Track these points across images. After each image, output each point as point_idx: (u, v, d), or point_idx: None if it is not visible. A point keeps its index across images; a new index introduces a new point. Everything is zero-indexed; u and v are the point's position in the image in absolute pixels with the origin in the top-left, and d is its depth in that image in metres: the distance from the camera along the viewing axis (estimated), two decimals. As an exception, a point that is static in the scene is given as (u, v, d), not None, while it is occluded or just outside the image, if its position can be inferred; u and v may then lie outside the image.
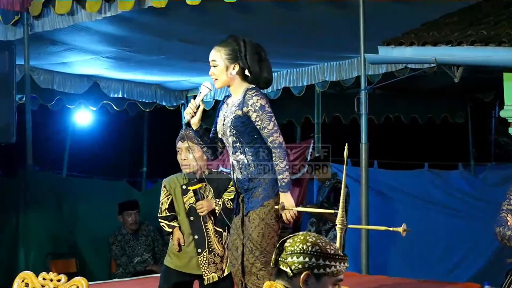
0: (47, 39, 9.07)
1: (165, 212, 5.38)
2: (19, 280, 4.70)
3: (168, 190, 5.41)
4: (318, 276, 2.77)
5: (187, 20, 8.27)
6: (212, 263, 5.35)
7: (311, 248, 2.78)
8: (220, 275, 5.35)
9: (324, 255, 2.78)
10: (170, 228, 5.35)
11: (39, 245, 9.27)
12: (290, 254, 2.79)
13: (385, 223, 3.95)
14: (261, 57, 4.82)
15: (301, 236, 2.83)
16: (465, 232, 9.61)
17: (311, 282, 2.77)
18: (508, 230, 4.69)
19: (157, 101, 12.29)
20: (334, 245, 2.86)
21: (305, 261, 2.76)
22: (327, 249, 2.80)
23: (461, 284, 7.55)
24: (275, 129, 4.68)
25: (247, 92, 4.75)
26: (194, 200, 5.38)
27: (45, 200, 9.44)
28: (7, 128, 7.78)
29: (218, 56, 4.87)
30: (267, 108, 4.69)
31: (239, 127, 4.76)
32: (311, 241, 2.80)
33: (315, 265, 2.76)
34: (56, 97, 11.26)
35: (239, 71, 4.80)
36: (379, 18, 7.94)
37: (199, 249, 5.34)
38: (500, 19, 7.56)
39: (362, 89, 7.88)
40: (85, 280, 4.57)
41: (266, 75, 4.82)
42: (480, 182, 10.39)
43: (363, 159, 7.78)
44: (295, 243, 2.80)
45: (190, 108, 4.97)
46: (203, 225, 5.37)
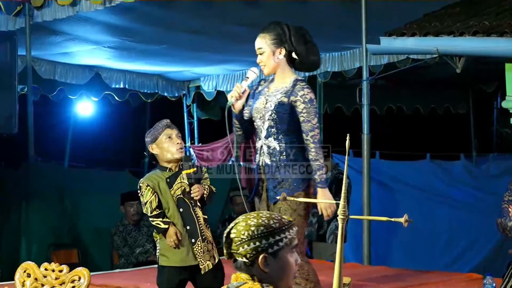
0: (49, 29, 9.07)
1: (156, 211, 5.31)
2: (21, 270, 4.71)
3: (153, 188, 5.33)
4: (275, 254, 2.77)
5: (190, 10, 8.27)
6: (206, 251, 5.31)
7: (257, 232, 2.76)
8: (213, 262, 5.33)
9: (271, 232, 2.77)
10: (166, 224, 5.27)
11: (41, 236, 9.29)
12: (240, 244, 2.77)
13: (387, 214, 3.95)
14: (306, 40, 4.83)
15: (242, 223, 2.80)
16: (467, 223, 9.61)
17: (270, 262, 2.76)
18: (510, 221, 4.70)
19: (159, 91, 12.28)
20: (276, 216, 2.83)
21: (257, 245, 2.75)
22: (272, 225, 2.78)
23: (463, 275, 7.55)
24: (317, 125, 4.74)
25: (297, 82, 4.80)
26: (180, 192, 5.31)
27: (47, 191, 9.45)
28: (9, 119, 7.79)
29: (263, 43, 4.89)
30: (315, 103, 4.76)
31: (280, 113, 4.80)
32: (254, 224, 2.77)
33: (267, 245, 2.76)
34: (58, 87, 11.27)
35: (286, 55, 4.81)
36: (381, 9, 7.94)
37: (192, 239, 5.28)
38: (502, 10, 7.55)
39: (364, 80, 7.89)
40: (86, 271, 4.58)
41: (312, 58, 4.83)
42: (482, 173, 10.40)
43: (365, 150, 7.79)
44: (239, 232, 2.78)
45: (236, 91, 5.01)
46: (194, 214, 5.33)
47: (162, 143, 5.36)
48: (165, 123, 5.41)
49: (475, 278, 7.07)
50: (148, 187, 5.33)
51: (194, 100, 12.86)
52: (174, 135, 5.37)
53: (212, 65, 11.34)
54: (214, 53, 10.38)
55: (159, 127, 5.39)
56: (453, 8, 7.93)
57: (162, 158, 5.40)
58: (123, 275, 7.65)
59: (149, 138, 5.42)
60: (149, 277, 7.02)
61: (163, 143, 5.35)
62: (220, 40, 9.58)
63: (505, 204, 4.77)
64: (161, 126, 5.39)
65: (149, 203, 5.32)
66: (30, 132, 9.04)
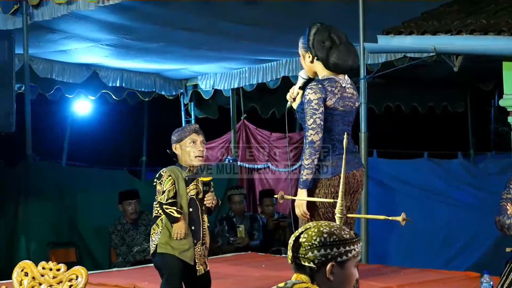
0: (46, 28, 9.07)
1: (172, 199, 5.42)
2: (18, 269, 4.71)
3: (174, 180, 5.44)
4: (342, 263, 2.82)
5: (187, 8, 8.26)
6: (203, 255, 5.48)
7: (329, 239, 2.81)
8: (205, 268, 5.50)
9: (343, 242, 2.82)
10: (179, 214, 5.39)
11: (39, 235, 9.27)
12: (310, 249, 2.81)
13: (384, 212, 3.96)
14: (333, 43, 4.82)
15: (314, 229, 2.85)
16: (465, 221, 9.61)
17: (336, 271, 2.81)
18: (508, 219, 4.70)
19: (156, 90, 12.27)
20: (346, 228, 2.90)
21: (327, 253, 2.80)
22: (344, 235, 2.84)
23: (461, 273, 7.56)
24: (313, 126, 4.70)
25: (311, 83, 4.82)
26: (195, 192, 5.47)
27: (45, 190, 9.44)
28: (6, 118, 7.79)
29: (299, 47, 4.99)
30: (313, 105, 4.71)
31: (299, 113, 4.89)
32: (326, 232, 2.83)
33: (337, 254, 2.81)
34: (55, 86, 11.26)
35: (312, 60, 4.83)
36: (378, 7, 7.94)
37: (194, 240, 5.44)
38: (499, 8, 7.55)
39: (361, 78, 7.89)
40: (84, 270, 4.58)
41: (334, 60, 4.81)
42: (480, 171, 10.39)
43: (363, 148, 7.80)
44: (311, 237, 2.82)
45: (290, 94, 5.05)
46: (200, 217, 5.49)
47: (185, 146, 5.52)
48: (193, 128, 5.60)
49: (473, 277, 7.08)
50: (170, 177, 5.46)
51: (191, 98, 12.85)
52: (199, 141, 5.53)
53: (210, 63, 11.34)
54: (212, 51, 10.38)
55: (187, 130, 5.58)
56: (450, 7, 7.93)
57: (182, 159, 5.55)
58: (121, 274, 7.65)
59: (175, 138, 5.58)
60: (147, 275, 7.03)
61: (186, 146, 5.51)
62: (218, 38, 9.58)
63: (503, 202, 4.78)
64: (189, 130, 5.57)
65: (167, 191, 5.43)
66: (28, 131, 9.03)
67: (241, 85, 11.82)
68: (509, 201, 4.76)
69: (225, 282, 6.83)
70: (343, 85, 4.83)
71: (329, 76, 4.82)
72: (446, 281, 6.97)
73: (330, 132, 4.77)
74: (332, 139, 4.77)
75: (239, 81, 11.76)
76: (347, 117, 4.86)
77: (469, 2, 8.00)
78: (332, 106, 4.76)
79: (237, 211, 9.89)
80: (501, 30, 6.82)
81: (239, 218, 9.84)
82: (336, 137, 4.74)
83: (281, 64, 11.02)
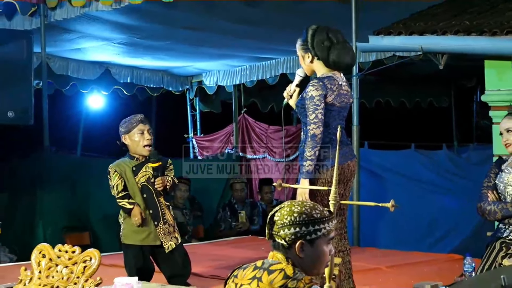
0: (62, 28, 9.07)
1: (122, 193, 5.44)
2: (36, 251, 4.71)
3: (120, 174, 5.45)
4: (312, 241, 2.77)
5: (192, 9, 8.26)
6: (167, 232, 5.46)
7: (299, 218, 2.77)
8: (175, 242, 5.49)
9: (312, 221, 2.77)
10: (131, 205, 5.41)
11: (55, 220, 9.29)
12: (282, 227, 2.77)
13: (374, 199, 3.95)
14: (332, 43, 4.79)
15: (287, 208, 2.80)
16: (449, 207, 9.60)
17: (306, 249, 2.77)
18: (488, 205, 4.70)
19: (164, 86, 12.28)
20: (319, 207, 2.84)
21: (296, 231, 2.76)
22: (314, 215, 2.79)
23: (445, 255, 7.57)
24: (315, 120, 4.67)
25: (312, 80, 4.79)
26: (145, 179, 5.45)
27: (61, 178, 9.45)
28: (25, 112, 7.79)
29: (297, 48, 4.95)
30: (316, 101, 4.68)
31: (299, 108, 4.83)
32: (297, 211, 2.78)
33: (306, 232, 2.76)
34: (71, 82, 11.27)
35: (312, 60, 4.80)
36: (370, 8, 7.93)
37: (155, 222, 5.43)
38: (482, 10, 7.55)
39: (353, 75, 7.89)
40: (97, 252, 4.58)
41: (333, 58, 4.79)
42: (463, 161, 10.37)
43: (355, 140, 7.81)
44: (283, 216, 2.78)
45: (287, 92, 5.00)
46: (156, 200, 5.47)
47: (133, 137, 5.49)
48: (139, 118, 5.53)
49: (456, 258, 7.09)
50: (115, 172, 5.47)
51: (196, 94, 12.87)
52: (146, 131, 5.50)
53: (213, 61, 11.33)
54: (215, 49, 10.37)
55: (134, 121, 5.51)
56: (436, 9, 7.92)
57: (131, 149, 5.53)
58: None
59: (123, 129, 5.54)
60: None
61: (134, 137, 5.48)
62: (220, 37, 9.57)
63: (484, 190, 4.77)
64: (135, 121, 5.51)
65: (115, 186, 5.46)
66: (45, 124, 9.05)
67: (242, 81, 11.82)
68: (490, 189, 4.75)
69: (227, 263, 6.84)
70: (340, 82, 4.83)
71: (328, 74, 4.81)
72: (431, 263, 6.99)
73: (328, 126, 4.76)
74: (329, 132, 4.77)
75: (241, 78, 11.76)
76: (342, 112, 4.86)
77: (454, 4, 8.00)
78: (331, 103, 4.75)
79: (238, 198, 9.89)
80: (483, 31, 6.82)
81: (240, 205, 9.85)
82: (333, 131, 4.74)
83: (280, 62, 11.02)
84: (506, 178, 4.72)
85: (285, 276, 2.70)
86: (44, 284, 4.55)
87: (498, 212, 4.66)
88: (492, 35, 6.77)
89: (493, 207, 4.68)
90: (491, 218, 4.76)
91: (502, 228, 4.73)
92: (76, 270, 4.53)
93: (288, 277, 2.69)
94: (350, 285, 4.84)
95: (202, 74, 12.36)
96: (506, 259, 4.61)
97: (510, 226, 4.69)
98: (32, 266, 4.67)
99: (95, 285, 4.44)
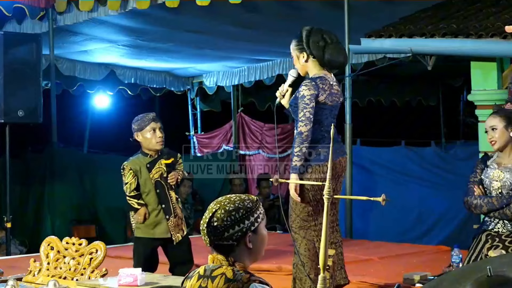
0: (70, 31, 9.08)
1: (134, 192, 5.44)
2: (45, 244, 4.71)
3: (134, 172, 5.45)
4: (255, 230, 2.72)
5: (194, 13, 8.25)
6: (177, 225, 5.49)
7: (238, 215, 2.68)
8: (182, 234, 5.52)
9: (250, 212, 2.70)
10: (139, 205, 5.43)
11: (63, 213, 9.28)
12: (225, 230, 2.68)
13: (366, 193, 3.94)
14: (326, 43, 4.77)
15: (220, 210, 2.70)
16: (437, 201, 9.59)
17: (253, 238, 2.70)
18: (475, 199, 4.69)
19: (167, 86, 12.28)
20: (245, 196, 2.77)
21: (241, 227, 2.68)
22: (248, 206, 2.72)
23: (433, 247, 7.56)
24: (302, 119, 4.66)
25: (305, 80, 4.77)
26: (159, 175, 5.46)
27: (69, 174, 9.45)
28: (34, 110, 7.78)
29: (291, 48, 4.89)
30: (306, 100, 4.66)
31: (292, 106, 4.82)
32: (233, 209, 2.69)
33: (250, 224, 2.69)
34: (78, 83, 11.27)
35: (307, 59, 4.78)
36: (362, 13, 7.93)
37: (167, 216, 5.45)
38: (468, 14, 7.55)
39: (346, 76, 7.89)
40: (103, 244, 4.59)
41: (328, 57, 4.77)
42: (451, 157, 10.37)
43: (348, 137, 7.81)
44: (221, 220, 2.68)
45: (279, 92, 4.96)
46: (168, 195, 5.49)
47: (146, 134, 5.50)
48: (151, 117, 5.56)
49: (444, 250, 7.08)
50: (130, 170, 5.46)
51: (197, 94, 12.87)
52: (157, 128, 5.51)
53: (213, 62, 11.33)
54: (215, 51, 10.36)
55: (146, 119, 5.54)
56: (425, 13, 7.92)
57: (145, 146, 5.53)
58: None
59: (136, 127, 5.57)
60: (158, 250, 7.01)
61: (147, 134, 5.49)
62: (220, 40, 9.57)
63: (471, 184, 4.76)
64: (148, 119, 5.53)
65: (129, 184, 5.45)
66: (53, 122, 9.06)
67: (241, 81, 11.82)
68: (476, 184, 4.74)
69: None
70: (331, 82, 4.81)
71: (320, 75, 4.79)
72: (421, 254, 6.98)
73: (321, 124, 4.75)
74: (322, 130, 4.75)
75: (239, 78, 11.76)
76: (334, 111, 4.84)
77: (442, 8, 8.00)
78: (323, 101, 4.74)
79: (237, 193, 9.85)
80: (469, 34, 6.83)
81: (238, 199, 9.82)
82: (326, 129, 4.72)
83: (276, 64, 11.02)
84: (492, 173, 4.71)
85: (226, 280, 2.63)
86: (52, 275, 4.55)
87: (483, 206, 4.65)
88: (478, 37, 6.77)
89: (479, 201, 4.67)
90: (477, 212, 4.75)
91: (488, 221, 4.72)
92: (82, 262, 4.53)
93: (229, 280, 2.62)
94: (342, 275, 4.83)
95: (202, 75, 12.35)
96: (491, 250, 4.60)
97: (495, 219, 4.68)
98: (41, 257, 4.67)
99: (101, 275, 4.45)
